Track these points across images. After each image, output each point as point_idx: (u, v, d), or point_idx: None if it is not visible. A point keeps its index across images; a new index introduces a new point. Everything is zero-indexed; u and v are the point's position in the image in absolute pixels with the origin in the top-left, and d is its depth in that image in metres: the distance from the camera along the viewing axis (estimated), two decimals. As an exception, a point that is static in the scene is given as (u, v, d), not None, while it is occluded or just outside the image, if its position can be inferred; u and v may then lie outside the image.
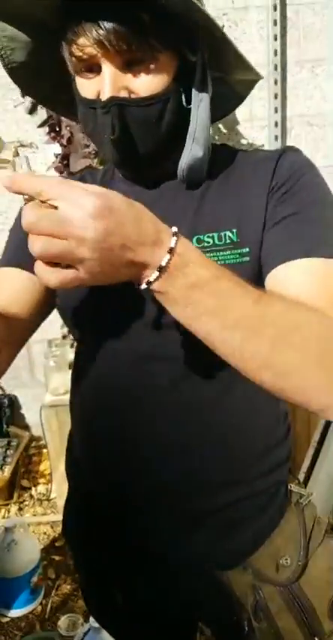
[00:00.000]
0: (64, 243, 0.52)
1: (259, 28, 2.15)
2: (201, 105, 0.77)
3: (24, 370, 2.56)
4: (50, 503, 2.34)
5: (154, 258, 0.57)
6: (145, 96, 0.72)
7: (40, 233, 0.52)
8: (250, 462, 0.83)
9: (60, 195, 0.53)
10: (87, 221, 0.52)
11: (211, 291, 0.59)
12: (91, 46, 0.69)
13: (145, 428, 0.81)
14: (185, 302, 0.59)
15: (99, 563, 0.93)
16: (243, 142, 2.28)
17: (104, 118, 0.72)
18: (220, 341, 0.62)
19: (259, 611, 0.82)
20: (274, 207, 0.77)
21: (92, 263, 0.53)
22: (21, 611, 1.83)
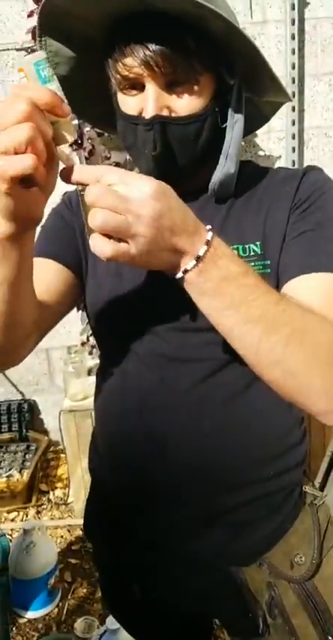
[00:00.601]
0: (122, 217, 0.57)
1: (277, 42, 2.19)
2: (236, 125, 0.81)
3: (43, 376, 2.60)
4: (67, 507, 2.37)
5: (192, 248, 0.62)
6: (184, 115, 0.77)
7: (102, 206, 0.57)
8: (265, 463, 0.86)
9: (120, 179, 0.59)
10: (145, 200, 0.58)
11: (238, 286, 0.64)
12: (138, 67, 0.74)
13: (166, 428, 0.84)
14: (214, 293, 0.64)
15: (118, 557, 0.95)
16: (260, 154, 2.31)
17: (146, 134, 0.76)
18: (240, 335, 0.66)
19: (274, 608, 0.84)
20: (294, 223, 0.81)
21: (143, 240, 0.59)
22: (38, 612, 1.85)
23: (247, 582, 0.85)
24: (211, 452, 0.83)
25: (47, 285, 0.87)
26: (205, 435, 0.83)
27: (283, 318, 0.65)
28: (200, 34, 0.73)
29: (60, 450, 2.58)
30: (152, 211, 0.58)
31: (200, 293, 0.65)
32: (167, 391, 0.84)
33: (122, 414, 0.88)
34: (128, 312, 0.87)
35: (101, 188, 0.58)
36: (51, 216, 0.97)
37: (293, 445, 0.90)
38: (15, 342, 0.78)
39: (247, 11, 2.13)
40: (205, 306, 0.66)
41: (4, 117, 0.55)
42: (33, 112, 0.55)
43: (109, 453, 0.94)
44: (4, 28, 2.17)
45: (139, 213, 0.58)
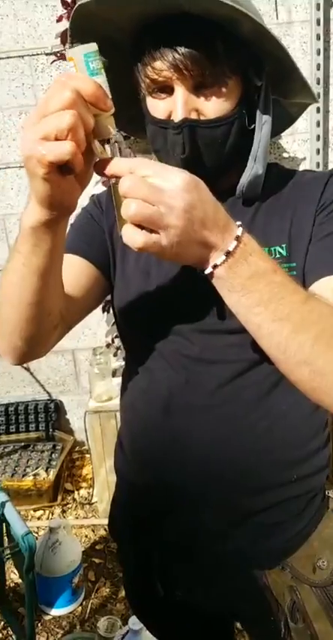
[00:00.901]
0: (154, 208, 0.58)
1: (303, 42, 2.17)
2: (264, 127, 0.81)
3: (69, 377, 2.63)
4: (92, 507, 2.39)
5: (223, 242, 0.63)
6: (213, 118, 0.77)
7: (135, 197, 0.58)
8: (289, 467, 0.86)
9: (154, 170, 0.60)
10: (177, 192, 0.59)
11: (267, 283, 0.64)
12: (166, 70, 0.75)
13: (191, 428, 0.85)
14: (243, 290, 0.64)
15: (143, 558, 0.96)
16: (285, 156, 2.30)
17: (176, 138, 0.77)
18: (267, 333, 0.66)
19: (296, 612, 0.83)
20: (320, 224, 0.81)
21: (174, 232, 0.60)
22: (62, 610, 1.88)
23: (269, 586, 0.85)
24: (236, 454, 0.83)
25: (73, 279, 0.88)
26: (230, 436, 0.83)
27: (312, 316, 0.65)
28: (229, 37, 0.74)
29: (85, 450, 2.61)
30: (184, 203, 0.59)
31: (229, 289, 0.65)
32: (193, 392, 0.85)
33: (148, 415, 0.89)
34: (155, 312, 0.88)
35: (135, 179, 0.59)
36: (80, 215, 0.99)
37: (317, 449, 0.90)
38: (42, 332, 0.79)
39: (273, 12, 2.12)
40: (234, 302, 0.66)
41: (49, 104, 0.56)
42: (77, 101, 0.56)
43: (135, 454, 0.95)
44: (34, 33, 2.21)
45: (171, 205, 0.58)
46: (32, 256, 0.68)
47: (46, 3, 2.17)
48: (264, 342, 0.67)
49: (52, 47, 2.17)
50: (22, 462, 2.47)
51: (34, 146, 0.56)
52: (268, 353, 0.68)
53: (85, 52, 0.60)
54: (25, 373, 2.61)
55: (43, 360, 2.58)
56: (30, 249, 0.68)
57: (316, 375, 0.65)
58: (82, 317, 0.95)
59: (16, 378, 2.63)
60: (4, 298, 0.76)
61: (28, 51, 2.22)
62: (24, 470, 2.42)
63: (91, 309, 0.97)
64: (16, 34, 2.21)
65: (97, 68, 0.60)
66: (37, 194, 0.61)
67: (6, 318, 0.77)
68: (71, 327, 0.91)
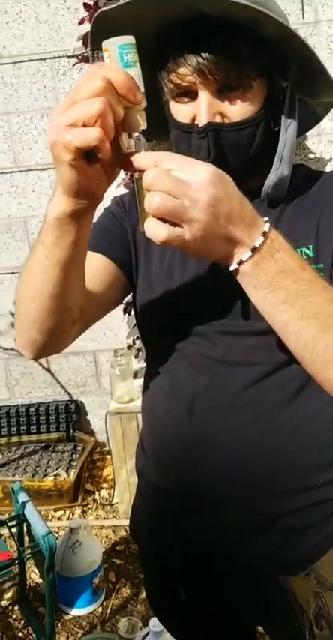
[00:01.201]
0: (178, 201, 0.57)
1: (330, 42, 2.15)
2: (290, 128, 0.81)
3: (90, 378, 2.64)
4: (112, 508, 2.39)
5: (249, 238, 0.62)
6: (237, 120, 0.77)
7: (159, 190, 0.57)
8: (315, 470, 0.85)
9: (178, 164, 0.59)
10: (202, 185, 0.58)
11: (295, 280, 0.63)
12: (190, 75, 0.74)
13: (215, 431, 0.84)
14: (270, 287, 0.63)
15: (165, 559, 0.95)
16: (311, 157, 2.28)
17: (200, 142, 0.77)
18: (295, 332, 0.65)
19: (321, 619, 0.82)
20: None
21: (198, 226, 0.59)
22: (83, 610, 1.88)
23: (294, 591, 0.84)
24: (260, 457, 0.82)
25: (93, 276, 0.87)
26: (254, 439, 0.82)
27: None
28: (253, 39, 0.73)
29: (106, 451, 2.61)
30: (209, 196, 0.58)
31: (255, 286, 0.64)
32: (216, 394, 0.84)
33: (170, 416, 0.89)
34: (178, 313, 0.88)
35: (159, 171, 0.58)
36: (103, 214, 0.98)
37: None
38: (61, 327, 0.78)
39: (299, 12, 2.10)
40: (260, 300, 0.65)
41: (78, 92, 0.56)
42: (107, 89, 0.55)
43: (157, 455, 0.94)
44: (56, 36, 2.22)
45: (195, 198, 0.58)
46: (55, 248, 0.67)
47: (68, 6, 2.18)
48: (290, 341, 0.66)
49: (74, 50, 2.18)
50: (43, 463, 2.49)
51: (61, 132, 0.56)
52: (294, 352, 0.67)
53: (120, 43, 0.59)
54: (46, 374, 2.63)
55: (64, 362, 2.60)
56: (54, 240, 0.67)
57: None
58: (100, 316, 0.94)
59: (38, 379, 2.65)
60: (24, 292, 0.75)
61: (50, 54, 2.23)
62: (45, 470, 2.43)
63: (110, 309, 0.97)
64: (38, 37, 2.22)
65: (132, 61, 0.60)
66: (64, 182, 0.60)
67: (26, 310, 0.76)
68: (89, 326, 0.91)
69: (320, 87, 0.84)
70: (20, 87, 2.27)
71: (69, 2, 2.17)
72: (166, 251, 0.90)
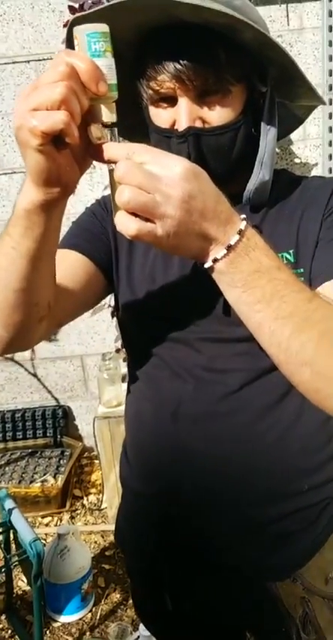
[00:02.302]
0: (150, 196, 0.56)
1: (314, 49, 2.17)
2: (270, 133, 0.81)
3: (78, 382, 2.63)
4: (101, 513, 2.38)
5: (224, 236, 0.61)
6: (217, 125, 0.76)
7: (130, 183, 0.56)
8: (300, 476, 0.85)
9: (152, 157, 0.57)
10: (175, 181, 0.56)
11: (270, 279, 0.62)
12: (169, 81, 0.74)
13: (199, 437, 0.84)
14: (245, 286, 0.62)
15: (151, 567, 0.95)
16: (296, 162, 2.29)
17: (180, 147, 0.77)
18: (269, 332, 0.63)
19: (308, 624, 0.82)
20: (327, 229, 0.80)
21: (171, 222, 0.57)
22: (72, 617, 1.87)
23: (280, 597, 0.84)
24: (245, 464, 0.82)
25: (69, 274, 0.86)
26: (239, 446, 0.82)
27: (316, 316, 0.63)
28: (232, 45, 0.73)
29: (94, 455, 2.60)
30: (182, 192, 0.57)
31: (230, 284, 0.63)
32: (201, 401, 0.84)
33: (154, 423, 0.88)
34: (160, 319, 0.87)
35: (130, 164, 0.56)
36: (84, 214, 0.98)
37: (329, 458, 0.88)
38: (27, 323, 0.75)
39: (284, 18, 2.12)
40: (235, 298, 0.64)
41: (43, 77, 0.55)
42: (71, 75, 0.54)
43: (141, 463, 0.94)
44: (41, 38, 2.21)
45: (168, 193, 0.56)
46: (23, 239, 0.65)
47: (52, 8, 2.18)
48: (265, 340, 0.65)
49: (58, 52, 2.18)
50: (30, 469, 2.46)
51: (25, 116, 0.54)
52: (268, 352, 0.66)
53: (89, 31, 0.57)
54: (32, 379, 2.61)
55: (51, 366, 2.58)
56: (22, 232, 0.65)
57: (318, 377, 0.63)
58: (74, 315, 0.93)
59: (24, 385, 2.63)
60: None
61: (35, 56, 2.22)
62: (32, 476, 2.41)
63: (85, 309, 0.96)
64: (22, 39, 2.21)
65: (101, 50, 0.57)
66: (32, 169, 0.58)
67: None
68: (61, 324, 0.89)
69: (298, 90, 0.84)
70: (4, 89, 2.26)
71: (53, 4, 2.17)
72: (148, 254, 0.89)
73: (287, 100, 0.88)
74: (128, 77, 0.80)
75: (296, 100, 0.88)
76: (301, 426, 0.84)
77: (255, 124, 0.81)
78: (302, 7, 2.11)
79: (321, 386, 0.64)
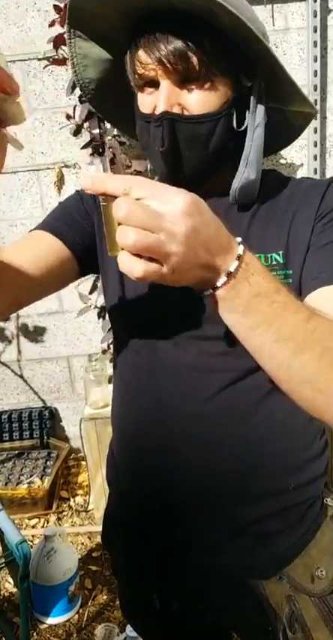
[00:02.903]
0: (155, 236, 0.54)
1: (300, 49, 2.18)
2: (256, 130, 0.80)
3: (64, 383, 2.62)
4: (88, 514, 2.37)
5: (224, 264, 0.60)
6: (196, 114, 0.76)
7: (134, 224, 0.53)
8: (286, 475, 0.85)
9: (151, 192, 0.55)
10: (178, 217, 0.55)
11: (269, 303, 0.62)
12: (152, 64, 0.75)
13: (184, 437, 0.84)
14: (245, 311, 0.62)
15: (137, 567, 0.95)
16: (282, 162, 2.30)
17: (156, 130, 0.77)
18: (269, 354, 0.64)
19: (295, 622, 0.83)
20: (319, 234, 0.80)
21: (176, 259, 0.55)
22: (59, 618, 1.86)
23: (267, 596, 0.84)
24: (230, 462, 0.83)
25: (40, 255, 0.86)
26: (224, 444, 0.83)
27: (315, 335, 0.63)
28: (218, 37, 0.74)
29: (81, 457, 2.59)
30: (186, 228, 0.55)
31: (230, 310, 0.63)
32: (185, 400, 0.84)
33: (140, 423, 0.88)
34: (148, 318, 0.87)
35: (132, 203, 0.54)
36: (72, 197, 0.97)
37: (314, 457, 0.89)
38: None
39: (269, 19, 2.13)
40: (235, 323, 0.64)
41: None
42: None
43: (126, 463, 0.94)
44: (26, 38, 2.20)
45: (172, 231, 0.54)
46: None
47: (38, 8, 2.17)
48: (265, 362, 0.65)
49: (44, 52, 2.17)
50: (16, 470, 2.45)
51: None
52: (268, 372, 0.67)
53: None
54: (18, 380, 2.60)
55: (37, 367, 2.57)
56: None
57: (318, 394, 0.64)
58: (40, 296, 0.93)
59: (10, 386, 2.62)
60: None
61: (20, 56, 2.21)
62: (18, 478, 2.40)
63: (54, 290, 0.96)
64: (8, 39, 2.20)
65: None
66: None
67: None
68: (23, 304, 0.88)
69: (287, 91, 0.84)
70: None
71: (39, 4, 2.16)
72: None
73: (280, 104, 0.88)
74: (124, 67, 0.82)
75: (288, 103, 0.88)
76: (286, 425, 0.84)
77: (241, 120, 0.81)
78: (287, 7, 2.12)
79: (321, 402, 0.65)
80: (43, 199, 2.36)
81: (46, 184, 2.33)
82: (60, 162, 2.29)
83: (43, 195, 2.35)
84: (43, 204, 2.37)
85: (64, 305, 2.46)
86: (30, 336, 2.53)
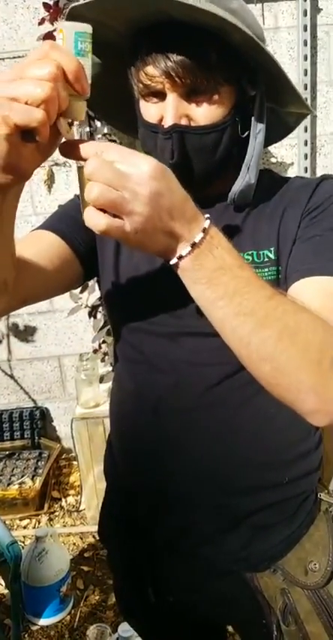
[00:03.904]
0: (118, 193, 0.57)
1: (290, 48, 2.19)
2: (258, 136, 0.81)
3: (55, 383, 2.61)
4: (80, 514, 2.36)
5: (189, 234, 0.62)
6: (204, 124, 0.77)
7: (99, 180, 0.57)
8: (280, 468, 0.85)
9: (121, 156, 0.58)
10: (144, 179, 0.58)
11: (233, 277, 0.63)
12: (159, 76, 0.74)
13: (180, 430, 0.84)
14: (208, 283, 0.63)
15: (133, 561, 0.95)
16: (273, 161, 2.31)
17: (165, 143, 0.77)
18: (231, 328, 0.65)
19: (288, 615, 0.83)
20: (304, 229, 0.81)
21: (139, 219, 0.58)
22: (50, 620, 1.85)
23: (261, 589, 0.84)
24: (225, 456, 0.83)
25: (43, 253, 0.86)
26: (219, 438, 0.83)
27: (276, 313, 0.64)
28: (223, 46, 0.74)
29: (72, 457, 2.58)
30: (150, 190, 0.58)
31: (193, 281, 0.64)
32: (182, 395, 0.84)
33: (137, 417, 0.88)
34: (144, 314, 0.87)
35: (100, 161, 0.57)
36: (72, 200, 0.98)
37: (308, 451, 0.89)
38: None
39: (259, 17, 2.14)
40: (198, 295, 0.65)
41: (28, 68, 0.54)
42: (58, 77, 0.55)
43: (124, 456, 0.94)
44: (15, 36, 2.19)
45: (136, 191, 0.57)
46: None
47: (27, 5, 2.16)
48: (227, 336, 0.66)
49: (44, 43, 2.16)
50: (7, 471, 2.44)
51: (1, 102, 0.53)
52: (231, 347, 0.67)
53: (77, 30, 0.59)
54: (9, 380, 2.58)
55: (28, 367, 2.56)
56: None
57: (278, 372, 0.65)
58: (42, 296, 0.93)
59: (0, 386, 2.60)
60: None
61: (9, 53, 2.20)
62: (9, 479, 2.39)
63: (57, 292, 0.96)
64: (-3, 37, 2.19)
65: (85, 50, 0.59)
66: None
67: None
68: (26, 303, 0.88)
69: (287, 98, 0.85)
70: (-21, 87, 2.23)
71: (28, 1, 2.15)
72: (134, 251, 0.89)
73: (277, 106, 0.88)
74: (125, 71, 0.81)
75: (285, 106, 0.88)
76: (281, 419, 0.84)
77: (243, 126, 0.82)
78: (277, 6, 2.14)
79: (280, 381, 0.65)
80: (33, 198, 2.35)
81: (36, 183, 2.33)
82: (50, 161, 2.29)
83: (34, 193, 2.34)
84: (34, 203, 2.36)
85: (54, 304, 2.46)
86: (20, 336, 2.52)
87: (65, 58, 0.56)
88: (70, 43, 0.58)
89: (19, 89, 0.53)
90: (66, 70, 0.55)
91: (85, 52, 0.59)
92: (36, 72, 0.54)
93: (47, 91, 0.53)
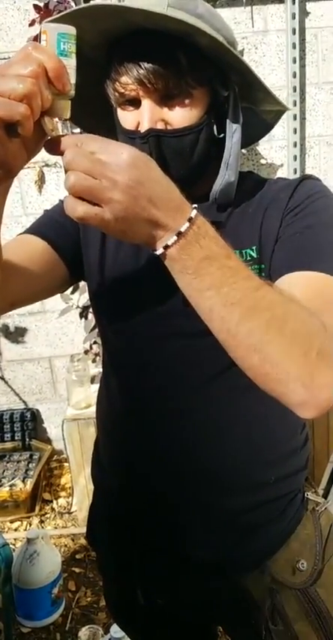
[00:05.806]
0: (96, 180, 0.56)
1: (279, 51, 2.20)
2: (234, 135, 0.82)
3: (46, 384, 2.61)
4: (71, 516, 2.36)
5: (175, 223, 0.61)
6: (179, 127, 0.78)
7: (76, 169, 0.56)
8: (267, 468, 0.86)
9: (101, 146, 0.58)
10: (122, 167, 0.57)
11: (220, 266, 0.63)
12: (132, 84, 0.76)
13: (168, 431, 0.84)
14: (195, 273, 0.63)
15: (122, 564, 0.95)
16: (262, 163, 2.32)
17: (142, 147, 0.77)
18: (218, 318, 0.64)
19: (276, 615, 0.83)
20: (286, 227, 0.82)
21: (118, 206, 0.57)
22: (42, 622, 1.84)
23: (249, 589, 0.85)
24: (212, 456, 0.83)
25: (29, 257, 0.86)
26: (206, 439, 0.83)
27: (263, 303, 0.64)
28: (192, 50, 0.75)
29: (63, 458, 2.58)
30: (129, 177, 0.57)
31: (180, 271, 0.64)
32: (169, 395, 0.84)
33: (123, 418, 0.89)
34: (131, 315, 0.88)
35: (77, 151, 0.57)
36: (57, 205, 0.98)
37: (295, 450, 0.90)
38: None
39: (249, 20, 2.15)
40: (185, 284, 0.65)
41: (11, 67, 0.56)
42: (39, 75, 0.56)
43: (111, 459, 0.94)
44: (6, 37, 2.19)
45: (114, 179, 0.57)
46: None
47: (17, 6, 2.16)
48: (215, 326, 0.66)
49: (27, 43, 2.16)
50: (-2, 473, 2.43)
51: None
52: (218, 338, 0.67)
53: (60, 31, 0.60)
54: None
55: (19, 368, 2.55)
56: None
57: (266, 363, 0.64)
58: (29, 299, 0.93)
59: (-9, 388, 2.60)
60: None
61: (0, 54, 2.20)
62: (0, 481, 2.38)
63: (44, 295, 0.96)
64: (-13, 38, 2.19)
65: (69, 51, 0.60)
66: None
67: None
68: (14, 306, 0.89)
69: (260, 95, 0.86)
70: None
71: (19, 3, 2.15)
72: (118, 253, 0.90)
73: (252, 105, 0.89)
74: (102, 81, 0.82)
75: (260, 105, 0.89)
76: (267, 418, 0.85)
77: (219, 126, 0.83)
78: (266, 9, 2.15)
79: (269, 371, 0.65)
80: (23, 198, 2.35)
81: (26, 183, 2.32)
82: (41, 162, 2.29)
83: (24, 194, 2.34)
84: (24, 204, 2.35)
85: (45, 305, 2.45)
86: (11, 337, 2.51)
87: (46, 57, 0.57)
88: (53, 44, 0.60)
89: (1, 85, 0.55)
90: (47, 68, 0.56)
91: (69, 53, 0.60)
92: (18, 70, 0.55)
93: (28, 87, 0.54)
